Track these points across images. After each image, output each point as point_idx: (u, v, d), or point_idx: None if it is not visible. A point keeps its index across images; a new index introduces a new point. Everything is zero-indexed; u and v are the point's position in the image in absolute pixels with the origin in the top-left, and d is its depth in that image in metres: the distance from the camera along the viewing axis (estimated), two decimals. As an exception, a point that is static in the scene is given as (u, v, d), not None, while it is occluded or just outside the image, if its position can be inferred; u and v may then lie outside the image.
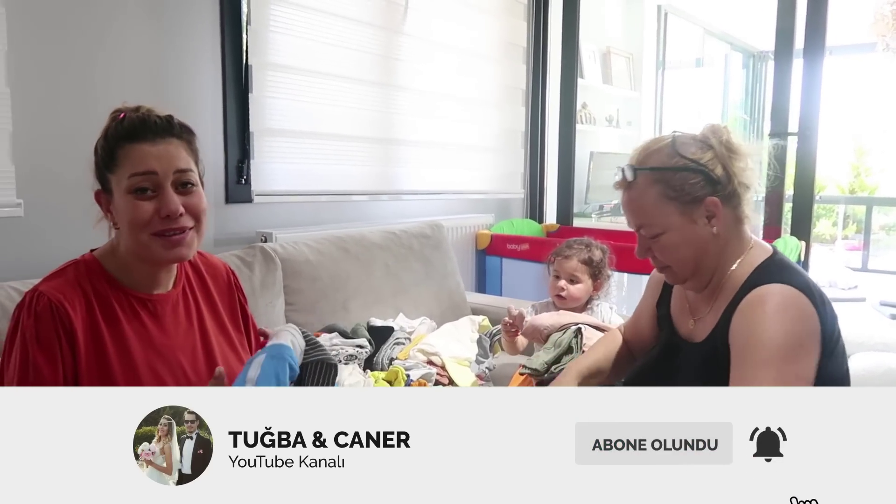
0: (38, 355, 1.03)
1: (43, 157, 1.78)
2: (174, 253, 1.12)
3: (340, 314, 2.18)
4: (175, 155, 1.11)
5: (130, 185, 1.09)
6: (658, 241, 1.22)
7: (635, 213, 1.24)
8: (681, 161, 1.20)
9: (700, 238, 1.21)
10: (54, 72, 1.80)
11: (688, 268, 1.23)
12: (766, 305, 1.13)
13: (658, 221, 1.21)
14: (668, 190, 1.19)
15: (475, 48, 3.26)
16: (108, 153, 1.11)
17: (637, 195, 1.22)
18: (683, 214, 1.20)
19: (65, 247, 1.34)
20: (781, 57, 3.03)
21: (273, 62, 2.34)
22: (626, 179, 1.23)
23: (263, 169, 2.35)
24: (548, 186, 3.75)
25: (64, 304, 1.06)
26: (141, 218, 1.09)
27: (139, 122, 1.10)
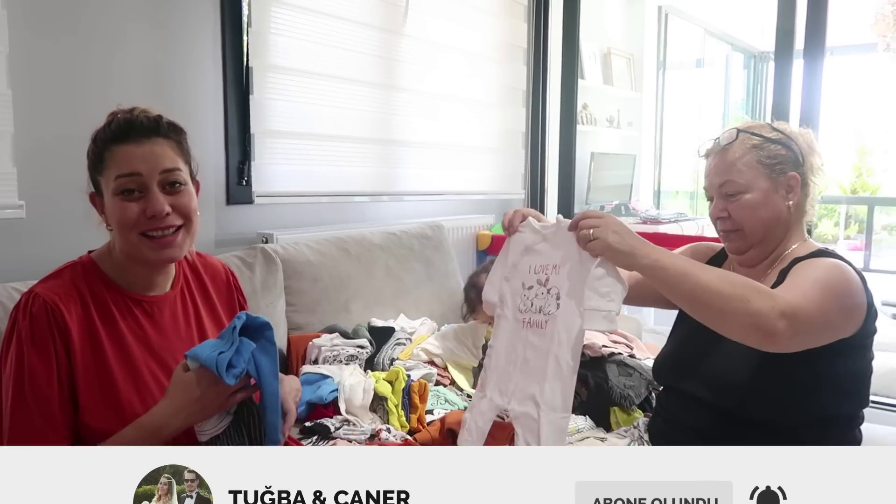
0: (34, 356, 1.04)
1: (45, 159, 1.79)
2: (163, 254, 1.13)
3: (341, 315, 2.18)
4: (160, 154, 1.11)
5: (117, 186, 1.10)
6: (739, 199, 1.31)
7: (724, 171, 1.33)
8: (778, 135, 1.33)
9: (776, 206, 1.31)
10: (56, 74, 1.80)
11: (757, 233, 1.32)
12: (826, 262, 1.23)
13: (745, 180, 1.31)
14: (760, 155, 1.31)
15: (475, 49, 3.26)
16: (96, 156, 1.12)
17: (731, 155, 1.32)
18: (769, 180, 1.31)
19: (66, 248, 1.35)
20: (782, 57, 3.03)
21: (274, 64, 2.35)
22: (724, 142, 1.34)
23: (264, 170, 2.35)
24: (548, 187, 3.75)
25: (59, 305, 1.06)
26: (128, 219, 1.10)
27: (126, 123, 1.11)
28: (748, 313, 1.08)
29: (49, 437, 1.03)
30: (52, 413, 1.04)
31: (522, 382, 1.22)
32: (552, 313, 1.21)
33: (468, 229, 3.24)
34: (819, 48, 2.85)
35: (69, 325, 1.07)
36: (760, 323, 1.08)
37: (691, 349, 1.38)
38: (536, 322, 1.23)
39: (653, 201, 5.20)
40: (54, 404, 1.04)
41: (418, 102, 2.95)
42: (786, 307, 1.09)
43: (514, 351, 1.25)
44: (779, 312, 1.08)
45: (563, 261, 1.23)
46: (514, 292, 1.29)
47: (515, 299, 1.28)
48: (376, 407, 1.80)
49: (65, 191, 1.80)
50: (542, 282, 1.26)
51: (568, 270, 1.22)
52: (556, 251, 1.25)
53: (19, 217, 1.73)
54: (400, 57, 2.84)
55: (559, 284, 1.23)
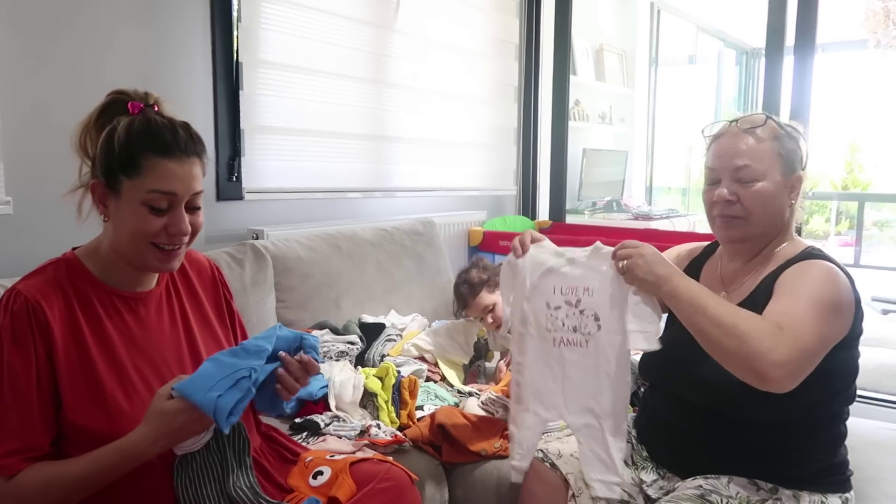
0: (13, 354, 1.03)
1: (32, 155, 1.78)
2: (168, 265, 1.15)
3: (332, 311, 2.18)
4: (196, 176, 1.12)
5: (149, 199, 1.09)
6: (753, 186, 1.28)
7: (743, 155, 1.28)
8: (794, 132, 1.32)
9: (783, 203, 1.30)
10: (43, 69, 1.79)
11: (761, 225, 1.30)
12: (816, 268, 1.23)
13: (763, 168, 1.28)
14: (781, 149, 1.29)
15: (467, 45, 3.26)
16: (128, 157, 1.08)
17: (752, 141, 1.29)
18: (783, 174, 1.29)
19: (53, 244, 1.34)
20: (772, 54, 3.04)
21: (264, 59, 2.34)
22: (751, 125, 1.30)
23: (255, 166, 2.35)
24: (540, 183, 3.75)
25: (41, 303, 1.06)
26: (149, 231, 1.09)
27: (170, 134, 1.09)
28: (747, 356, 1.11)
29: (25, 436, 1.02)
30: (30, 411, 1.03)
31: (574, 397, 1.33)
32: (592, 333, 1.31)
33: (460, 225, 3.24)
34: (810, 45, 2.86)
35: (51, 322, 1.06)
36: (756, 367, 1.11)
37: (682, 352, 1.36)
38: (574, 341, 1.32)
39: (645, 197, 5.21)
40: (33, 402, 1.03)
41: (410, 98, 2.94)
42: (783, 360, 1.10)
43: (549, 367, 1.34)
44: (775, 363, 1.09)
45: (599, 284, 1.32)
46: (537, 312, 1.36)
47: (540, 318, 1.35)
48: (366, 403, 1.80)
49: (52, 187, 1.78)
50: (571, 303, 1.34)
51: (606, 293, 1.31)
52: (587, 273, 1.33)
53: (6, 213, 1.72)
54: (391, 53, 2.83)
55: (595, 306, 1.32)
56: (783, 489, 1.24)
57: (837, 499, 1.25)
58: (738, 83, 6.27)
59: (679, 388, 1.30)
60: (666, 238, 3.31)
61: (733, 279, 1.37)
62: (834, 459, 1.28)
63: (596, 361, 1.31)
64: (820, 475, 1.26)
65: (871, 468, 1.48)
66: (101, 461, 1.03)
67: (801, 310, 1.17)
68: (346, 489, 1.22)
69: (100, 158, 1.10)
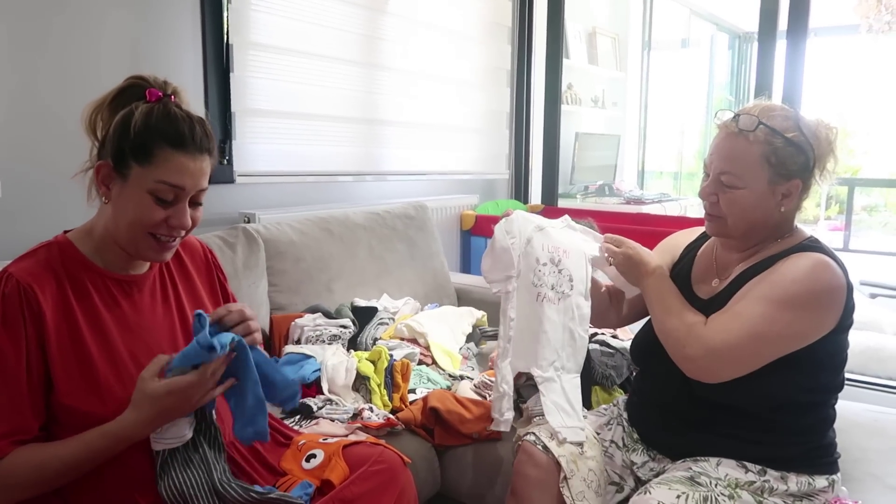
0: (3, 337, 1.03)
1: (21, 138, 1.76)
2: (161, 256, 1.15)
3: (324, 295, 2.18)
4: (205, 174, 1.13)
5: (157, 189, 1.08)
6: (732, 193, 1.27)
7: (728, 160, 1.26)
8: (799, 137, 1.24)
9: (768, 209, 1.27)
10: (32, 50, 1.77)
11: (740, 228, 1.30)
12: (804, 262, 1.23)
13: (745, 176, 1.25)
14: (772, 155, 1.23)
15: (459, 28, 3.23)
16: (143, 144, 1.07)
17: (741, 145, 1.24)
18: (770, 183, 1.25)
19: (43, 227, 1.33)
20: (765, 38, 3.03)
21: (254, 41, 2.32)
22: (743, 127, 1.24)
23: (246, 149, 2.33)
24: (533, 167, 3.75)
25: (33, 286, 1.05)
26: (150, 221, 1.09)
27: (188, 129, 1.09)
28: (670, 351, 1.30)
29: (14, 420, 1.02)
30: (19, 395, 1.03)
31: (544, 351, 1.45)
32: (566, 293, 1.47)
33: (452, 209, 3.24)
34: (802, 29, 2.86)
35: (43, 306, 1.05)
36: (676, 359, 1.28)
37: None
38: (550, 298, 1.46)
39: (637, 182, 5.21)
40: (22, 386, 1.03)
41: (402, 82, 2.92)
42: (693, 355, 1.25)
43: (529, 322, 1.46)
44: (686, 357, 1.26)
45: (574, 251, 1.50)
46: (528, 267, 1.48)
47: (529, 274, 1.47)
48: (359, 386, 1.81)
49: (42, 169, 1.78)
50: (554, 261, 1.47)
51: (579, 261, 1.49)
52: (566, 238, 1.52)
53: (-5, 196, 1.71)
54: (383, 35, 2.81)
55: (570, 268, 1.48)
56: (771, 471, 1.26)
57: (824, 480, 1.27)
58: (730, 67, 6.26)
59: (669, 373, 1.32)
60: (657, 222, 3.32)
61: (727, 267, 1.38)
62: (821, 441, 1.30)
63: (564, 319, 1.46)
64: (807, 457, 1.27)
65: (857, 450, 1.50)
66: (90, 445, 1.03)
67: (748, 309, 1.22)
68: (340, 472, 1.23)
69: (112, 140, 1.09)
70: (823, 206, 6.85)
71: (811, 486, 1.26)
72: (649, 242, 1.79)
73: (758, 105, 1.29)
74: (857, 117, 7.30)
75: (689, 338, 1.26)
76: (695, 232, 1.53)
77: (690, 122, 5.96)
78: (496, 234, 1.50)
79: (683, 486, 1.22)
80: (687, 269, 1.45)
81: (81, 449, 1.03)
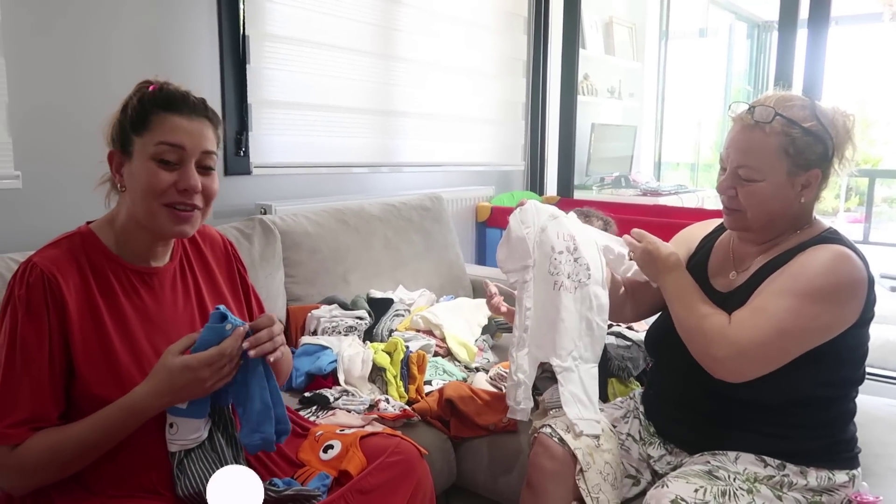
0: (27, 325, 1.04)
1: (40, 129, 1.77)
2: (179, 228, 1.14)
3: (340, 286, 2.19)
4: (206, 135, 1.13)
5: (157, 152, 1.09)
6: (751, 186, 1.25)
7: (745, 153, 1.25)
8: (817, 126, 1.22)
9: (787, 200, 1.26)
10: (50, 42, 1.78)
11: (760, 221, 1.28)
12: (825, 254, 1.21)
13: (763, 169, 1.23)
14: (790, 146, 1.22)
15: (475, 18, 3.21)
16: (140, 115, 1.10)
17: (758, 137, 1.23)
18: (789, 174, 1.23)
19: (63, 218, 1.35)
20: (785, 27, 2.99)
21: (271, 33, 2.32)
22: (759, 119, 1.23)
23: (262, 141, 2.34)
24: (548, 158, 3.73)
25: (56, 275, 1.06)
26: (158, 186, 1.09)
27: (179, 95, 1.11)
28: (694, 351, 1.27)
29: (34, 407, 1.03)
30: (40, 383, 1.04)
31: (562, 340, 1.43)
32: (583, 282, 1.45)
33: (467, 201, 3.23)
34: (824, 17, 2.82)
35: (65, 295, 1.07)
36: (702, 362, 1.25)
37: None
38: (568, 287, 1.43)
39: (653, 173, 5.17)
40: (44, 374, 1.04)
41: (417, 73, 2.91)
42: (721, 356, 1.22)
43: (546, 311, 1.44)
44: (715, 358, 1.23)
45: (585, 238, 1.49)
46: (544, 256, 1.46)
47: (545, 263, 1.46)
48: (375, 378, 1.81)
49: (61, 160, 1.79)
50: (570, 250, 1.46)
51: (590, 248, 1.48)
52: (578, 227, 1.50)
53: (15, 187, 1.72)
54: (399, 26, 2.80)
55: (586, 257, 1.46)
56: (790, 465, 1.25)
57: (844, 475, 1.26)
58: (749, 57, 6.18)
59: (686, 366, 1.31)
60: (674, 214, 3.29)
61: (744, 260, 1.36)
62: (842, 436, 1.29)
63: (582, 308, 1.44)
64: (827, 452, 1.26)
65: (878, 444, 1.49)
66: (103, 419, 1.04)
67: (772, 304, 1.20)
68: (357, 463, 1.23)
69: (115, 128, 1.12)
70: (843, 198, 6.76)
71: (831, 481, 1.25)
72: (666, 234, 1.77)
73: (773, 95, 1.27)
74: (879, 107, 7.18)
75: (715, 337, 1.22)
76: (711, 224, 1.52)
77: (708, 112, 5.89)
78: (511, 224, 1.49)
79: (701, 479, 1.21)
80: (703, 262, 1.44)
81: (95, 425, 1.04)
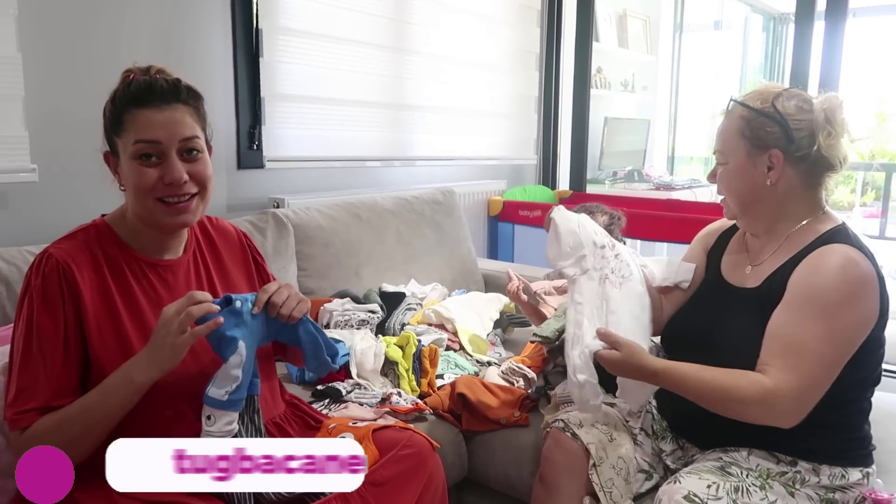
0: (43, 314, 1.06)
1: (56, 123, 1.79)
2: (178, 220, 1.14)
3: (353, 280, 2.19)
4: (181, 122, 1.11)
5: (135, 151, 1.10)
6: (723, 169, 1.33)
7: (717, 138, 1.35)
8: (769, 109, 1.28)
9: (754, 182, 1.29)
10: (65, 36, 1.79)
11: (738, 204, 1.33)
12: (830, 260, 1.21)
13: (727, 151, 1.32)
14: (745, 128, 1.29)
15: (488, 11, 3.20)
16: (114, 117, 1.11)
17: (725, 123, 1.33)
18: (748, 155, 1.29)
19: (79, 211, 1.36)
20: (802, 19, 2.96)
21: (284, 26, 2.32)
22: (725, 108, 1.35)
23: (275, 134, 2.34)
24: (561, 152, 3.71)
25: (71, 265, 1.08)
26: (145, 184, 1.10)
27: (146, 86, 1.10)
28: (753, 418, 1.20)
29: (48, 395, 1.04)
30: (55, 371, 1.05)
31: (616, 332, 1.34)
32: (626, 277, 1.41)
33: (480, 195, 3.23)
34: (842, 9, 2.78)
35: (80, 286, 1.08)
36: (765, 422, 1.20)
37: (702, 325, 1.37)
38: (613, 281, 1.40)
39: (666, 167, 5.14)
40: (59, 362, 1.05)
41: (430, 66, 2.91)
42: (785, 412, 1.17)
43: (596, 306, 1.38)
44: (780, 417, 1.18)
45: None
46: (591, 252, 1.42)
47: (590, 258, 1.42)
48: (387, 371, 1.82)
49: (77, 154, 1.81)
50: (610, 246, 1.43)
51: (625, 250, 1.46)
52: None
53: (32, 181, 1.74)
54: (412, 19, 2.80)
55: (625, 255, 1.43)
56: (803, 462, 1.24)
57: (858, 472, 1.25)
58: (764, 50, 6.12)
59: (697, 352, 1.30)
60: (687, 208, 3.27)
61: (757, 255, 1.36)
62: (856, 434, 1.28)
63: (629, 304, 1.38)
64: (841, 449, 1.25)
65: (893, 441, 1.47)
66: (102, 385, 1.05)
67: (803, 341, 1.17)
68: (370, 455, 1.24)
69: (104, 131, 1.15)
70: (859, 193, 6.69)
71: (845, 479, 1.24)
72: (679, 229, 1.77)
73: (753, 90, 1.33)
74: (896, 100, 7.08)
75: (767, 403, 1.17)
76: (724, 224, 1.51)
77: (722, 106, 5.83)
78: (557, 220, 1.43)
79: (714, 475, 1.21)
80: (718, 255, 1.45)
81: (95, 391, 1.05)
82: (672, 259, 1.54)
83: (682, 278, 1.46)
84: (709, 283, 1.44)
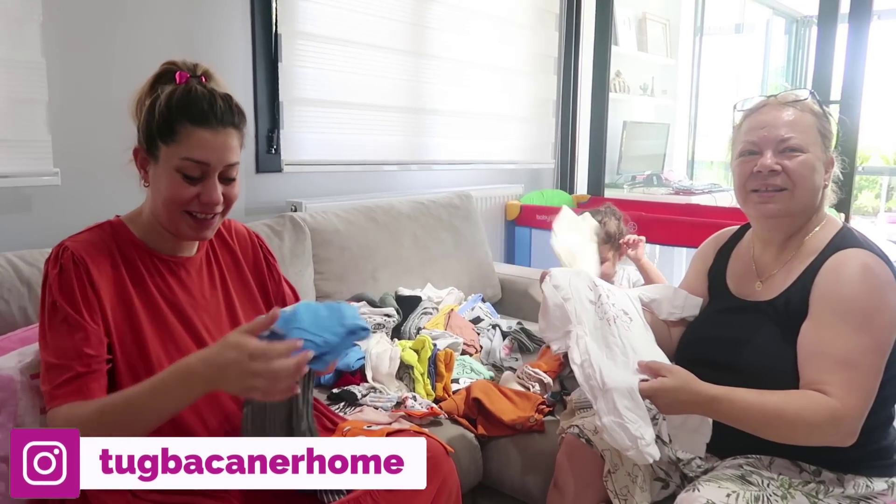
0: (61, 295, 1.06)
1: (78, 127, 1.81)
2: (200, 234, 1.17)
3: (369, 283, 2.20)
4: (230, 148, 1.13)
5: (181, 166, 1.10)
6: (799, 157, 1.25)
7: (792, 125, 1.27)
8: (831, 117, 1.31)
9: (820, 179, 1.28)
10: (88, 42, 1.82)
11: (801, 198, 1.26)
12: (849, 267, 1.19)
13: (808, 141, 1.26)
14: (820, 125, 1.28)
15: (507, 15, 3.20)
16: (167, 123, 1.10)
17: (798, 114, 1.28)
18: (823, 151, 1.28)
19: (100, 214, 1.36)
20: (825, 22, 2.92)
21: (302, 30, 2.34)
22: (798, 97, 1.30)
23: (293, 138, 2.36)
24: (579, 156, 3.69)
25: (85, 258, 1.09)
26: (181, 198, 1.11)
27: (208, 104, 1.10)
28: (820, 440, 1.16)
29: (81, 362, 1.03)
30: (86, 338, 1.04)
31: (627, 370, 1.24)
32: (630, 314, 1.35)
33: (497, 199, 3.22)
34: (865, 11, 2.74)
35: (95, 278, 1.09)
36: (832, 443, 1.16)
37: (723, 335, 1.33)
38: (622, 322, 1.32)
39: (686, 171, 5.10)
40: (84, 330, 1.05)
41: (448, 70, 2.91)
42: (851, 432, 1.14)
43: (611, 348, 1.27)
44: (847, 436, 1.14)
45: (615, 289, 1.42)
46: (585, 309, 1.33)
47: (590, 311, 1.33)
48: (402, 375, 1.82)
49: (99, 157, 1.83)
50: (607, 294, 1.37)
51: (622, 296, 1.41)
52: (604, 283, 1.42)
53: (54, 184, 1.76)
54: (430, 24, 2.80)
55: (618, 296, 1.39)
56: (826, 472, 1.22)
57: (883, 483, 1.22)
58: (787, 53, 6.05)
59: (720, 372, 1.27)
60: (707, 213, 3.23)
61: (765, 268, 1.34)
62: (881, 443, 1.25)
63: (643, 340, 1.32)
64: (865, 459, 1.23)
65: (919, 452, 1.44)
66: (152, 379, 1.02)
67: (853, 354, 1.15)
68: (383, 459, 1.24)
69: (143, 125, 1.13)
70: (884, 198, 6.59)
71: (869, 489, 1.21)
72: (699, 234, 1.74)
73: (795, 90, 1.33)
74: (923, 104, 6.95)
75: (836, 423, 1.13)
76: (725, 235, 1.49)
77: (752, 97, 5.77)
78: (546, 293, 1.36)
79: (734, 484, 1.18)
80: (721, 270, 1.43)
81: (144, 384, 1.02)
82: (669, 286, 1.52)
83: (689, 314, 1.44)
84: (718, 301, 1.41)
